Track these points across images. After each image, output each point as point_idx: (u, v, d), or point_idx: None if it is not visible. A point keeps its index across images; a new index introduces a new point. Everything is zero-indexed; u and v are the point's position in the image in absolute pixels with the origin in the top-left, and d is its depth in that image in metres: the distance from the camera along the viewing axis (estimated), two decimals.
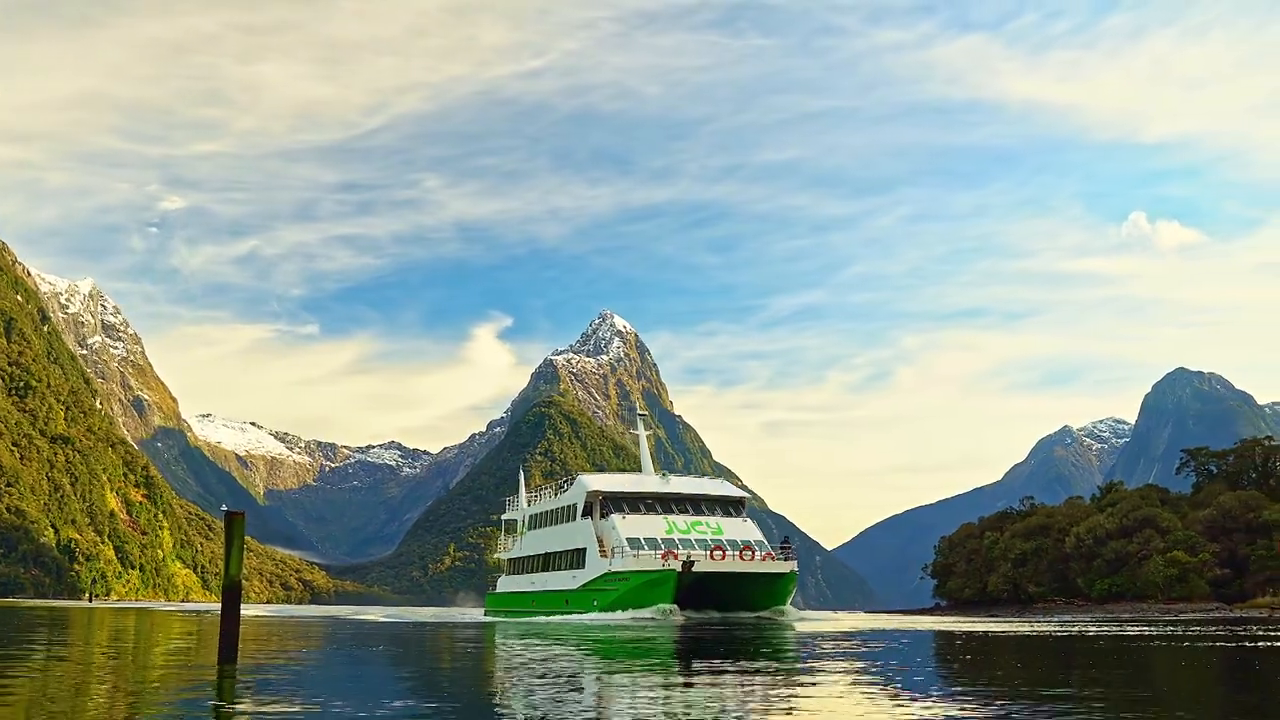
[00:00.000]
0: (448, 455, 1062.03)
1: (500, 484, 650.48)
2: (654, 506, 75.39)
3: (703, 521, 74.18)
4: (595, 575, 72.20)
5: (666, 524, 72.68)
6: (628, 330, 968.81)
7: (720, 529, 73.58)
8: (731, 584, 68.09)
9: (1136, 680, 17.81)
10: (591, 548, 73.80)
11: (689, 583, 65.66)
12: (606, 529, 73.23)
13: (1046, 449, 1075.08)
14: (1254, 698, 15.33)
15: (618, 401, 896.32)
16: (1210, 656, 24.01)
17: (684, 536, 71.52)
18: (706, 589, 67.18)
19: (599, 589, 70.66)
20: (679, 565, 65.77)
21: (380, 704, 13.06)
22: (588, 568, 74.18)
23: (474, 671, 20.73)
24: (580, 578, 75.05)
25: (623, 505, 74.78)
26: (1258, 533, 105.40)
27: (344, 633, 39.56)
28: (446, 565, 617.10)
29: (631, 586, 66.95)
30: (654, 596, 65.30)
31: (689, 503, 76.77)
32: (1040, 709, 12.44)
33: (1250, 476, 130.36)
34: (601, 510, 75.12)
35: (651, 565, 67.21)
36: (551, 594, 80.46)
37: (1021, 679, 17.69)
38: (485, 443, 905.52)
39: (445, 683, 17.95)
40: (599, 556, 72.15)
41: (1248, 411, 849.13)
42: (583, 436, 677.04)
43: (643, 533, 71.28)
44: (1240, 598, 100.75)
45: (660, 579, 65.83)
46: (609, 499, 75.38)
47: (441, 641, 33.32)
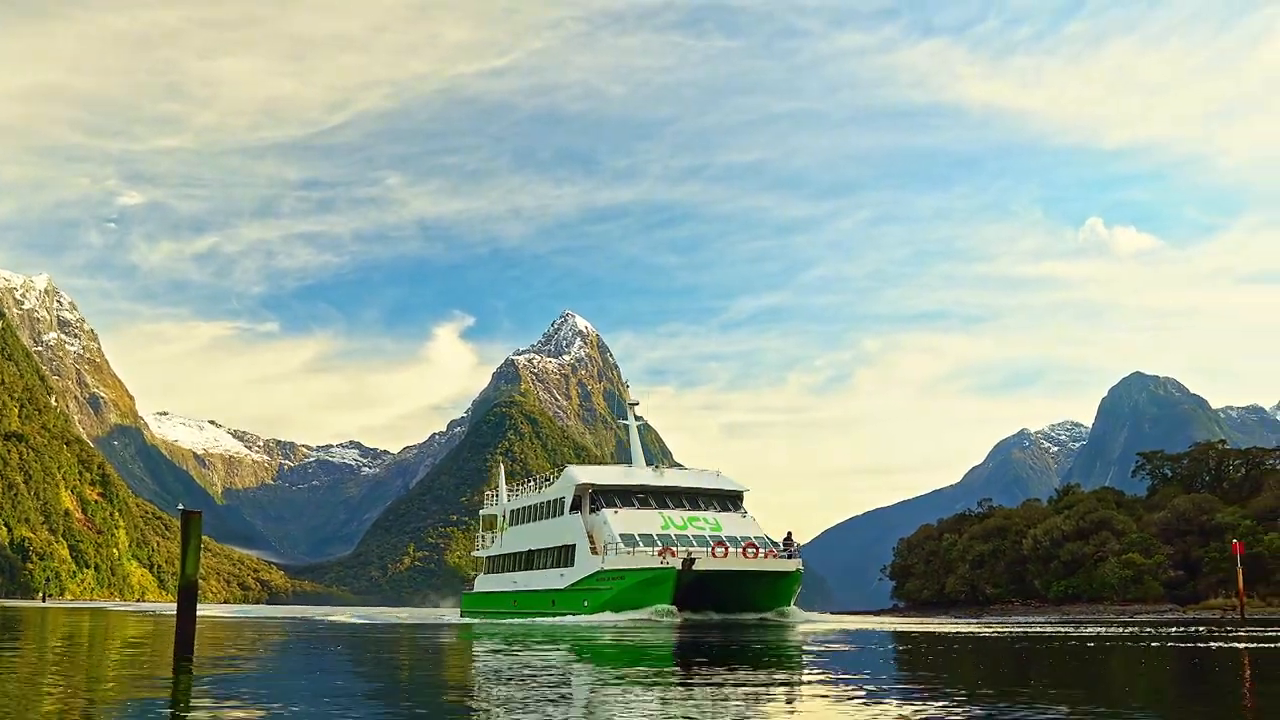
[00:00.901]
0: (408, 455, 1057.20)
1: (460, 484, 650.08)
2: (648, 500, 71.12)
3: (700, 517, 70.33)
4: (586, 574, 67.78)
5: (662, 519, 68.70)
6: (589, 331, 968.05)
7: (719, 524, 69.54)
8: (733, 583, 64.20)
9: (1111, 680, 17.98)
10: (581, 544, 69.49)
11: (688, 582, 61.76)
12: (598, 524, 68.88)
13: (1005, 451, 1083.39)
14: (1207, 696, 15.53)
15: (579, 402, 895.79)
16: (1165, 657, 24.26)
17: (681, 532, 67.45)
18: (706, 589, 63.32)
19: (590, 588, 66.33)
20: (679, 563, 61.60)
21: (344, 714, 12.85)
22: (577, 565, 69.68)
23: (455, 678, 19.83)
24: (569, 576, 70.57)
25: (614, 499, 70.48)
26: (1211, 535, 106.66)
27: (312, 634, 38.99)
28: (406, 565, 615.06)
29: (627, 586, 62.91)
30: (651, 596, 61.26)
31: (685, 497, 72.53)
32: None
33: (1204, 479, 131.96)
34: (592, 504, 70.69)
35: (649, 563, 62.75)
36: (536, 594, 75.96)
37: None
38: (446, 442, 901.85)
39: (422, 689, 17.42)
40: (590, 553, 67.85)
41: (1202, 415, 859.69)
42: (544, 436, 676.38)
43: (637, 528, 67.07)
44: (1193, 599, 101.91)
45: (658, 577, 61.72)
46: (600, 492, 71.16)
47: (420, 643, 32.32)
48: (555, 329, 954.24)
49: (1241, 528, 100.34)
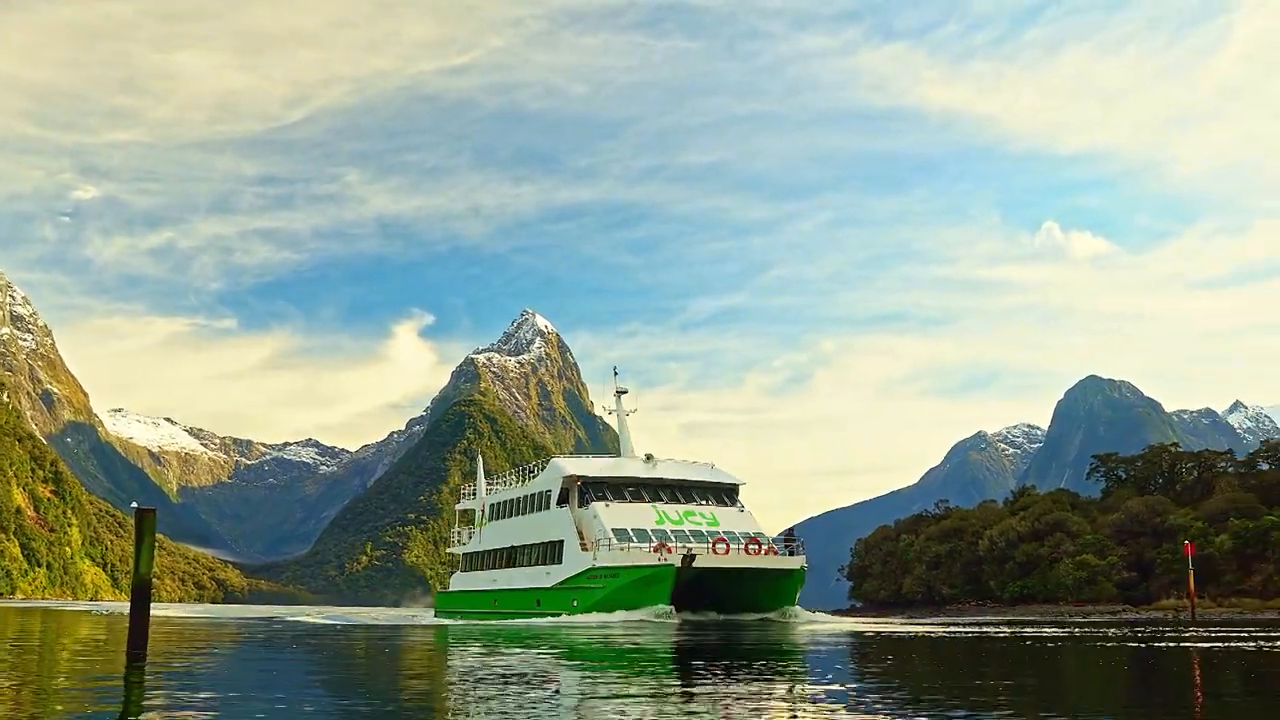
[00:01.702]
0: (366, 453, 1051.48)
1: (419, 483, 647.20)
2: (640, 494, 67.28)
3: (696, 511, 66.94)
4: (575, 571, 63.98)
5: (656, 513, 65.11)
6: (549, 330, 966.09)
7: (715, 519, 66.25)
8: (735, 581, 60.64)
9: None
10: (570, 540, 65.56)
11: (686, 580, 58.05)
12: (587, 518, 65.13)
13: (962, 453, 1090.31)
14: (1157, 696, 15.73)
15: (538, 401, 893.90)
16: (1118, 656, 24.53)
17: (676, 527, 64.01)
18: (705, 588, 59.93)
19: (581, 587, 62.60)
20: (678, 560, 57.75)
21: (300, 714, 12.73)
22: (565, 563, 65.72)
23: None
24: (556, 574, 66.67)
25: (605, 491, 66.60)
26: (1163, 537, 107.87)
27: (276, 635, 38.60)
28: (363, 564, 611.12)
29: (621, 584, 59.24)
30: (648, 596, 57.46)
31: (679, 490, 68.98)
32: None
33: (1157, 482, 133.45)
34: (580, 497, 66.93)
35: (644, 560, 59.07)
36: (519, 593, 71.86)
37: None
38: (404, 441, 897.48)
39: (399, 694, 16.95)
40: (579, 550, 64.00)
41: (1156, 419, 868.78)
42: (503, 436, 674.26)
43: (630, 523, 63.45)
44: (1146, 600, 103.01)
45: (656, 575, 57.90)
46: (589, 485, 67.18)
47: (396, 646, 31.25)
48: (515, 328, 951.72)
49: (1193, 530, 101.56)
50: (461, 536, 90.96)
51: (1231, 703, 15.00)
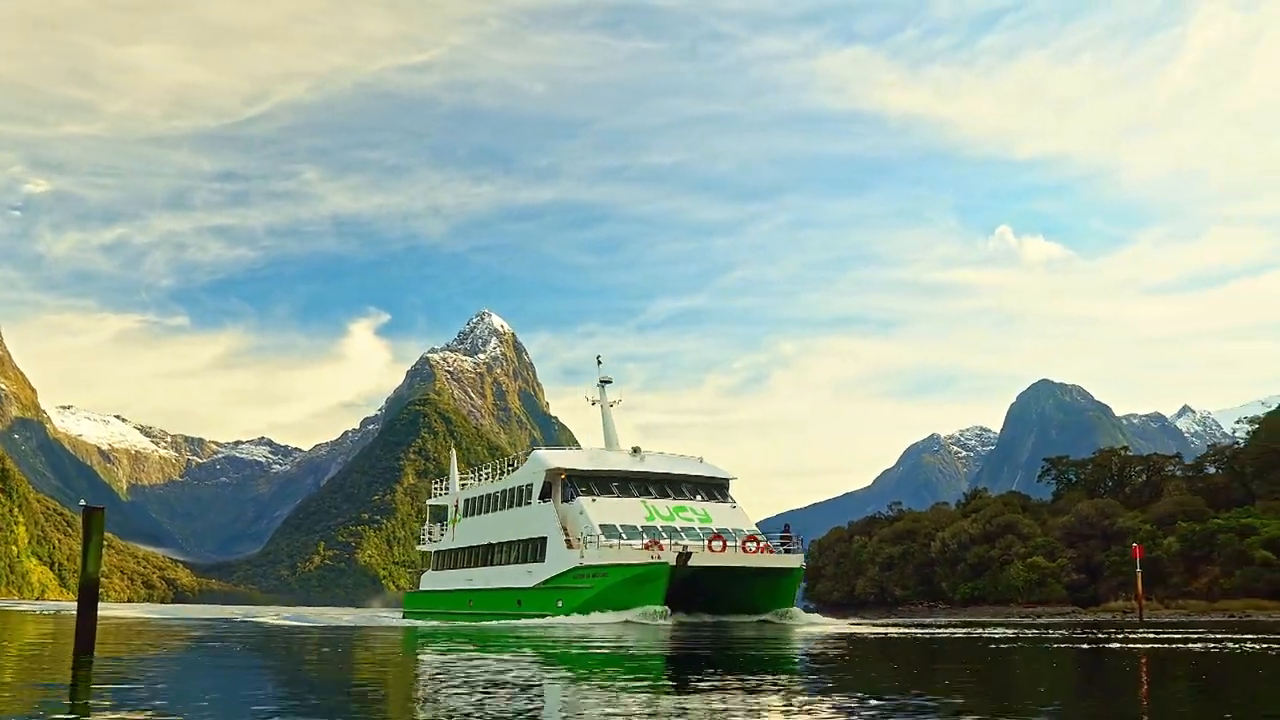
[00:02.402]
0: (320, 452, 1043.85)
1: (373, 482, 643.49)
2: (627, 488, 64.05)
3: (687, 506, 63.72)
4: (560, 570, 60.71)
5: (645, 509, 61.84)
6: (505, 330, 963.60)
7: (708, 515, 63.10)
8: (731, 581, 57.50)
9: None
10: (553, 537, 62.24)
11: (680, 579, 54.81)
12: (572, 514, 61.78)
13: (915, 455, 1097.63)
14: (1105, 696, 15.91)
15: (494, 401, 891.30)
16: (1066, 656, 24.79)
17: (667, 524, 60.85)
18: (698, 588, 57.00)
19: (567, 586, 59.39)
20: (672, 558, 54.42)
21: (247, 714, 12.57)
22: (549, 561, 62.44)
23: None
24: (539, 573, 63.37)
25: (590, 486, 63.30)
26: (1112, 539, 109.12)
27: (236, 636, 38.06)
28: (316, 564, 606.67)
29: (611, 584, 56.06)
30: (641, 596, 54.08)
31: (668, 484, 65.60)
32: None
33: (1107, 485, 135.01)
34: (564, 492, 63.60)
35: (636, 558, 55.91)
36: (497, 593, 68.54)
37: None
38: (359, 440, 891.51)
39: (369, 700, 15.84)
40: (564, 547, 60.83)
41: (1106, 422, 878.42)
42: (458, 435, 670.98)
43: (619, 519, 60.13)
44: (1094, 601, 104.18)
45: (649, 574, 54.59)
46: (574, 479, 63.87)
47: (369, 649, 29.61)
48: (471, 327, 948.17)
49: (1141, 532, 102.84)
50: (433, 534, 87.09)
51: (1179, 703, 15.21)
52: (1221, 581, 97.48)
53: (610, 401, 73.84)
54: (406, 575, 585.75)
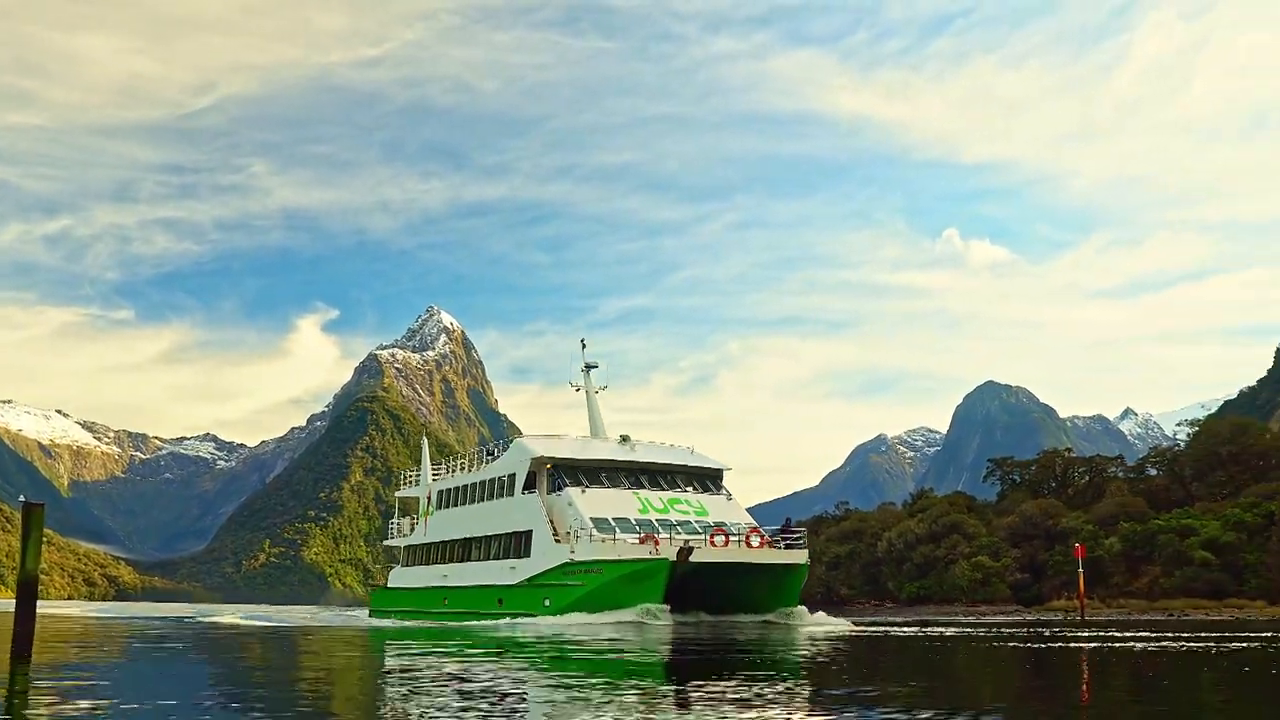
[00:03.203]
0: (265, 449, 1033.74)
1: (319, 479, 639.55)
2: (617, 479, 60.67)
3: (682, 499, 60.65)
4: (548, 566, 57.24)
5: (639, 501, 58.74)
6: (454, 327, 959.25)
7: (703, 508, 60.15)
8: (733, 578, 54.30)
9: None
10: (540, 530, 58.66)
11: (680, 576, 51.66)
12: (560, 506, 58.39)
13: (862, 455, 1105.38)
14: (1046, 693, 16.18)
15: (442, 398, 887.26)
16: (1011, 654, 25.13)
17: (662, 517, 57.48)
18: (697, 585, 53.15)
19: (556, 584, 56.12)
20: (673, 553, 51.34)
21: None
22: (535, 556, 58.80)
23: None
24: (523, 569, 59.72)
25: (579, 476, 59.90)
26: (1056, 539, 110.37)
27: (202, 639, 37.15)
28: (261, 562, 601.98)
29: (605, 581, 52.78)
30: (638, 594, 50.99)
31: (660, 475, 62.56)
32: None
33: (1050, 485, 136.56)
34: (551, 482, 60.27)
35: (632, 553, 52.56)
36: (476, 590, 64.90)
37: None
38: (305, 437, 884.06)
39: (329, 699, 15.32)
40: (552, 541, 57.21)
41: (1050, 424, 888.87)
42: (405, 433, 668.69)
43: (610, 511, 56.70)
44: (1037, 600, 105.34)
45: (648, 570, 51.40)
46: (561, 468, 60.32)
47: (356, 651, 28.69)
48: (420, 324, 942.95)
49: (1084, 532, 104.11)
50: (402, 527, 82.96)
51: (1118, 698, 15.49)
52: (1161, 581, 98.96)
53: (596, 388, 70.73)
54: (353, 573, 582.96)
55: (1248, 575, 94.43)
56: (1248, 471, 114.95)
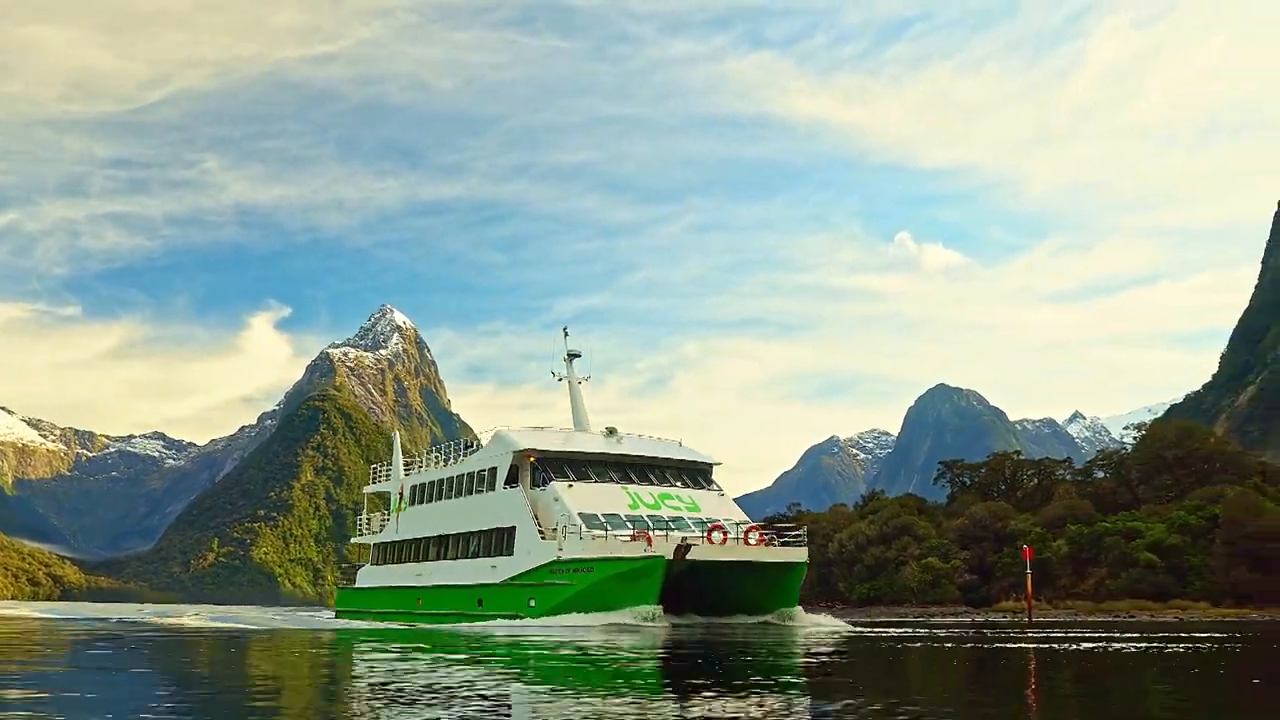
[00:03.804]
0: (215, 447, 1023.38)
1: (269, 478, 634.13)
2: (605, 472, 57.73)
3: (673, 494, 57.60)
4: (534, 564, 53.91)
5: (628, 496, 55.59)
6: (408, 326, 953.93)
7: (695, 504, 57.05)
8: (731, 578, 50.69)
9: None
10: (524, 526, 55.37)
11: (676, 575, 48.47)
12: (545, 501, 55.21)
13: (815, 457, 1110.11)
14: (995, 692, 16.35)
15: (394, 398, 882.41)
16: (959, 654, 25.35)
17: (654, 513, 54.45)
18: (692, 585, 50.02)
19: (542, 583, 52.99)
20: (669, 551, 47.97)
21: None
22: (518, 554, 55.48)
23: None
24: (505, 567, 56.49)
25: (565, 469, 56.87)
26: (1004, 541, 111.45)
27: (149, 642, 36.62)
28: (209, 561, 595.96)
29: (597, 580, 49.73)
30: (631, 595, 48.02)
31: (650, 469, 59.43)
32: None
33: (1000, 488, 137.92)
34: (534, 476, 57.01)
35: (626, 550, 49.44)
36: (453, 590, 61.68)
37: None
38: (255, 435, 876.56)
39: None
40: (538, 538, 53.88)
41: (1000, 427, 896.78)
42: (357, 432, 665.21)
43: (600, 507, 53.59)
44: (986, 602, 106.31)
45: (643, 569, 48.28)
46: (545, 461, 57.24)
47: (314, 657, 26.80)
48: (373, 323, 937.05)
49: (1032, 534, 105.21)
50: (371, 524, 78.99)
51: (1065, 698, 15.68)
52: (1108, 583, 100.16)
53: (579, 378, 67.55)
54: (303, 573, 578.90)
55: (1192, 577, 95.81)
56: (1193, 475, 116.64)
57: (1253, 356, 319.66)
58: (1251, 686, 17.32)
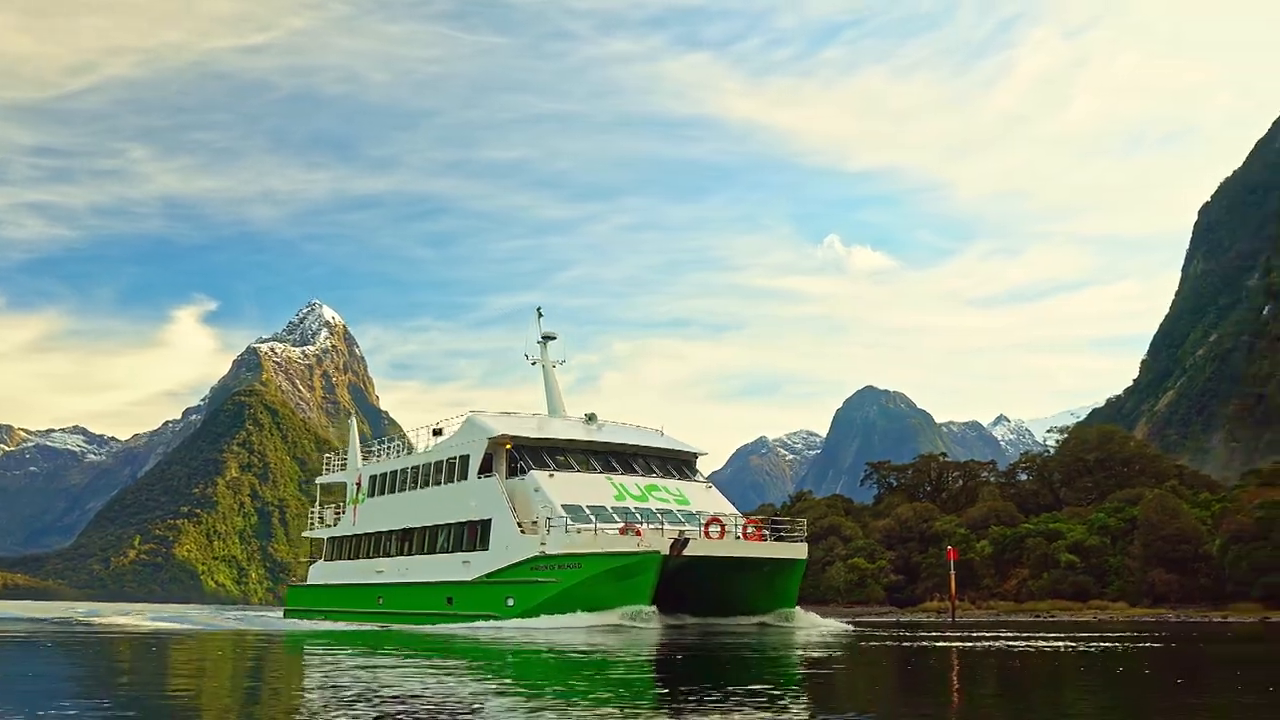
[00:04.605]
0: (138, 442, 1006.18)
1: (193, 474, 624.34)
2: (587, 462, 53.88)
3: (659, 485, 53.73)
4: (513, 560, 49.86)
5: (614, 487, 51.68)
6: (336, 321, 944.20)
7: (684, 496, 53.31)
8: (728, 575, 47.59)
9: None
10: (501, 518, 51.19)
11: (671, 572, 44.84)
12: (525, 492, 51.06)
13: (743, 457, 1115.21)
14: (919, 691, 16.65)
15: (323, 394, 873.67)
16: (886, 654, 25.72)
17: (641, 505, 50.48)
18: (687, 582, 46.28)
19: (522, 580, 49.03)
20: (665, 546, 44.28)
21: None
22: (494, 548, 51.41)
23: None
24: (480, 564, 52.30)
25: (543, 458, 52.68)
26: (929, 542, 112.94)
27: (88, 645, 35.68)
28: (130, 558, 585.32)
29: (585, 577, 45.87)
30: (623, 593, 44.37)
31: (633, 458, 55.80)
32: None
33: (925, 489, 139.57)
34: (511, 465, 52.93)
35: (618, 545, 45.67)
36: (420, 588, 57.43)
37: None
38: (180, 431, 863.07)
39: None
40: (517, 532, 49.80)
41: (926, 429, 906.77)
42: (284, 428, 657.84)
43: (584, 499, 49.78)
44: (911, 602, 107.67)
45: (637, 565, 44.51)
46: (523, 449, 53.04)
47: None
48: (301, 318, 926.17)
49: (956, 536, 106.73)
50: (325, 516, 73.12)
51: (990, 697, 16.02)
52: (1030, 583, 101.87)
53: (554, 362, 63.70)
54: (227, 570, 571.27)
55: (1110, 578, 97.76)
56: (1113, 478, 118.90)
57: (1172, 362, 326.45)
58: (1176, 686, 17.78)
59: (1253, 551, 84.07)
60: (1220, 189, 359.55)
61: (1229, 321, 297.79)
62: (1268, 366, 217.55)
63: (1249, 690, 17.25)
